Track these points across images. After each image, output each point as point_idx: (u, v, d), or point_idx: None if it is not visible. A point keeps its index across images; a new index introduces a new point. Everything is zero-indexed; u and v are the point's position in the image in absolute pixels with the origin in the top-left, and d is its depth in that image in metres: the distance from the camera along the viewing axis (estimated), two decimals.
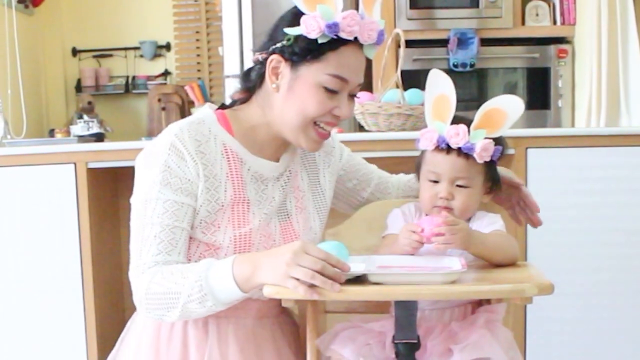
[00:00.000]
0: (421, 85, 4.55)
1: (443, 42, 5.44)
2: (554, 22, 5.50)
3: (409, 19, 5.46)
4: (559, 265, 3.22)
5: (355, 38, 1.98)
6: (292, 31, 1.99)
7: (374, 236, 2.22)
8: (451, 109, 2.09)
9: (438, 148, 2.09)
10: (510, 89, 5.56)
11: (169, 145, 2.02)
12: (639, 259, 3.29)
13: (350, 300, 2.24)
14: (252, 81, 2.12)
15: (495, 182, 2.19)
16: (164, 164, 2.01)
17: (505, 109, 2.09)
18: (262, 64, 2.08)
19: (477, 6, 5.46)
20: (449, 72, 5.24)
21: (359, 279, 1.81)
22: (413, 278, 1.80)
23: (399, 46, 3.33)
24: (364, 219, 2.34)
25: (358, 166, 2.41)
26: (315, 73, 1.99)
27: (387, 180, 2.45)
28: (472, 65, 5.41)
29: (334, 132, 2.34)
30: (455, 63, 5.40)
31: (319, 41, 1.97)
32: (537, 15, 5.50)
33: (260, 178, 2.13)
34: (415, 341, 1.93)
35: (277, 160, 2.18)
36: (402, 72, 3.37)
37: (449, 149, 2.08)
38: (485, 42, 5.44)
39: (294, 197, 2.21)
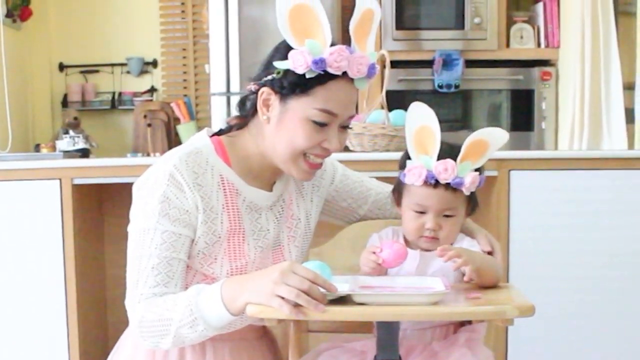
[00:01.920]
0: (406, 106, 4.58)
1: (428, 63, 5.47)
2: (538, 45, 5.55)
3: (395, 40, 5.49)
4: (541, 286, 3.23)
5: (345, 72, 1.98)
6: (281, 65, 1.99)
7: (357, 256, 2.21)
8: (436, 142, 2.09)
9: (426, 183, 2.10)
10: (494, 111, 5.60)
11: (168, 176, 2.01)
12: (621, 280, 3.32)
13: (333, 320, 2.25)
14: (247, 110, 2.13)
15: (475, 204, 2.20)
16: (163, 195, 2.00)
17: (489, 139, 2.10)
18: (255, 94, 2.08)
19: (463, 28, 5.50)
20: (434, 93, 5.30)
21: (342, 299, 1.82)
22: (396, 299, 1.82)
23: (384, 67, 3.34)
24: (348, 239, 2.35)
25: (353, 185, 2.39)
26: (303, 107, 1.99)
27: (386, 197, 2.40)
28: (456, 87, 5.45)
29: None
30: (440, 84, 5.43)
31: (307, 76, 1.96)
32: (521, 37, 5.55)
33: (255, 207, 2.14)
34: None
35: (271, 189, 2.18)
36: (387, 92, 3.38)
37: (436, 184, 2.09)
38: (470, 63, 5.48)
39: (287, 227, 2.21)
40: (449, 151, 2.08)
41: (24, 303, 3.32)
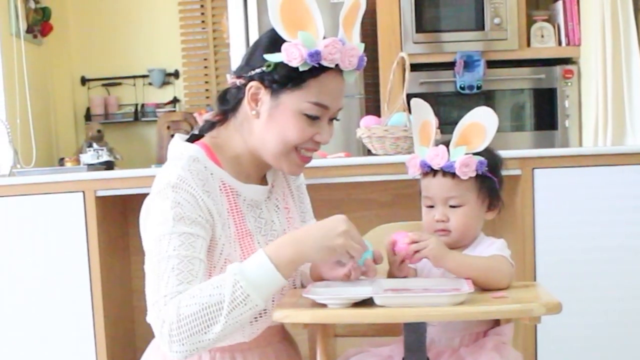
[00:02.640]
0: None
1: (449, 65, 5.46)
2: (559, 43, 5.52)
3: (415, 43, 5.48)
4: (568, 284, 3.22)
5: (337, 65, 1.98)
6: (272, 58, 1.98)
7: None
8: (432, 133, 2.12)
9: (425, 173, 2.11)
10: (518, 111, 5.58)
11: (174, 187, 1.96)
12: None
13: (359, 323, 2.24)
14: (228, 104, 2.11)
15: (494, 197, 2.16)
16: (174, 201, 1.94)
17: (482, 121, 2.09)
18: (239, 88, 2.06)
19: (483, 29, 5.48)
20: (456, 94, 5.29)
21: (368, 302, 1.82)
22: (420, 300, 1.81)
23: (404, 70, 3.34)
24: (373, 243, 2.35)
25: (306, 200, 2.37)
26: (296, 100, 1.98)
27: None
28: (479, 88, 5.43)
29: None
30: (462, 85, 5.42)
31: (300, 69, 1.95)
32: (542, 36, 5.52)
33: (255, 204, 2.13)
34: None
35: (263, 182, 2.18)
36: (410, 95, 3.37)
37: (434, 172, 2.09)
38: (492, 64, 5.46)
39: (286, 219, 2.21)
40: (446, 140, 2.10)
41: (51, 316, 3.33)
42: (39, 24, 6.12)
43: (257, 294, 1.84)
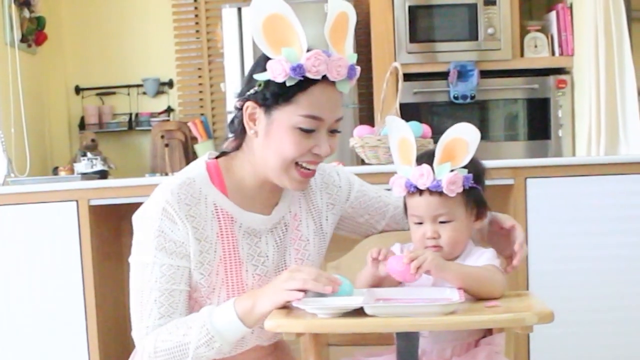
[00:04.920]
0: (422, 119, 4.58)
1: (443, 75, 5.48)
2: (553, 53, 5.55)
3: (409, 53, 5.50)
4: (561, 293, 3.22)
5: (325, 76, 1.98)
6: (260, 77, 1.99)
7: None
8: (413, 151, 2.09)
9: (410, 192, 2.09)
10: (511, 120, 5.59)
11: (161, 210, 2.03)
12: None
13: (352, 333, 2.24)
14: (236, 128, 2.12)
15: (481, 206, 2.15)
16: (158, 229, 2.02)
17: (464, 136, 2.07)
18: (240, 110, 2.08)
19: (477, 39, 5.50)
20: (450, 104, 5.31)
21: (360, 312, 1.82)
22: (411, 310, 1.81)
23: (397, 79, 3.35)
24: (365, 252, 2.34)
25: (370, 202, 2.36)
26: (288, 116, 1.99)
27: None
28: (472, 97, 5.44)
29: (342, 169, 2.35)
30: (456, 95, 5.43)
31: (287, 84, 1.96)
32: (535, 46, 5.54)
33: (253, 232, 2.13)
34: None
35: (269, 213, 2.17)
36: (404, 105, 3.39)
37: (420, 191, 2.07)
38: (485, 74, 5.48)
39: (294, 249, 2.20)
40: (429, 157, 2.07)
41: (44, 325, 3.33)
42: (34, 33, 6.12)
43: (221, 339, 1.96)
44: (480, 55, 5.50)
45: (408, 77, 4.65)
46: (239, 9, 5.61)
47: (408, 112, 3.57)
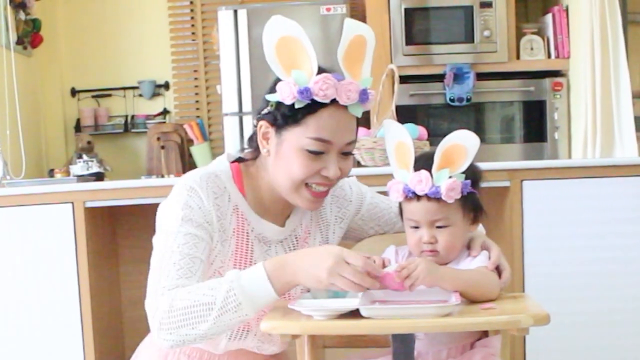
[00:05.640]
0: (418, 121, 4.58)
1: (439, 77, 5.47)
2: (549, 56, 5.54)
3: (405, 55, 5.49)
4: (557, 296, 3.23)
5: (335, 99, 1.98)
6: (271, 97, 2.02)
7: None
8: (410, 155, 2.09)
9: (408, 197, 2.09)
10: (507, 123, 5.59)
11: (189, 189, 2.04)
12: (637, 287, 3.30)
13: (348, 335, 2.24)
14: (254, 144, 2.14)
15: (478, 211, 2.15)
16: (185, 203, 2.02)
17: (464, 143, 2.07)
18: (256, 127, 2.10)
19: (473, 41, 5.50)
20: (446, 106, 5.31)
21: (356, 314, 1.81)
22: (407, 312, 1.81)
23: (393, 82, 3.35)
24: (363, 251, 2.34)
25: (380, 213, 2.37)
26: (297, 137, 2.00)
27: None
28: (468, 100, 5.44)
29: (354, 182, 2.36)
30: (452, 98, 5.43)
31: (296, 106, 1.98)
32: (531, 49, 5.54)
33: (264, 240, 2.15)
34: None
35: (283, 225, 2.19)
36: (400, 107, 3.39)
37: (418, 196, 2.06)
38: (481, 76, 5.48)
39: None
40: (427, 162, 2.07)
41: (40, 326, 3.33)
42: (29, 36, 6.11)
43: (249, 304, 1.88)
44: (476, 57, 5.50)
45: (404, 79, 4.67)
46: (235, 11, 5.61)
47: (404, 114, 3.57)
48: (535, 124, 5.53)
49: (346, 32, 2.05)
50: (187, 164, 6.30)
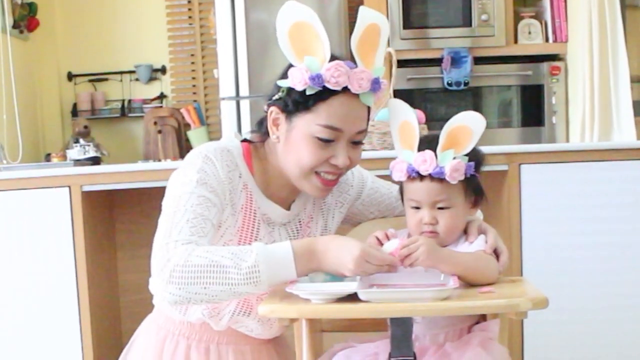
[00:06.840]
0: (415, 105, 4.57)
1: (437, 62, 5.47)
2: (546, 40, 5.53)
3: (403, 39, 5.48)
4: (555, 280, 3.23)
5: (346, 87, 1.97)
6: (283, 83, 2.01)
7: None
8: (415, 136, 2.08)
9: (411, 177, 2.08)
10: (505, 107, 5.59)
11: (204, 157, 2.04)
12: (636, 272, 3.31)
13: (346, 319, 2.23)
14: (263, 129, 2.14)
15: (479, 194, 2.15)
16: (201, 169, 2.02)
17: (470, 124, 2.06)
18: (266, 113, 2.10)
19: (470, 25, 5.49)
20: (444, 91, 5.30)
21: (354, 297, 1.81)
22: (404, 295, 1.81)
23: (391, 65, 3.34)
24: (360, 236, 2.33)
25: (381, 198, 2.36)
26: (307, 124, 2.00)
27: None
28: (466, 84, 5.43)
29: (358, 168, 2.34)
30: (450, 82, 5.42)
31: (307, 93, 1.97)
32: (529, 33, 5.53)
33: (268, 221, 2.15)
34: (412, 358, 1.93)
35: (288, 208, 2.19)
36: (397, 91, 3.38)
37: (421, 176, 2.06)
38: (479, 60, 5.47)
39: None
40: (431, 142, 2.06)
41: (37, 311, 3.32)
42: (26, 19, 6.09)
43: (267, 282, 1.87)
44: (473, 41, 5.49)
45: (402, 63, 4.65)
46: None
47: (401, 98, 3.47)
48: (533, 108, 5.52)
49: (360, 20, 2.03)
50: (184, 148, 6.29)
